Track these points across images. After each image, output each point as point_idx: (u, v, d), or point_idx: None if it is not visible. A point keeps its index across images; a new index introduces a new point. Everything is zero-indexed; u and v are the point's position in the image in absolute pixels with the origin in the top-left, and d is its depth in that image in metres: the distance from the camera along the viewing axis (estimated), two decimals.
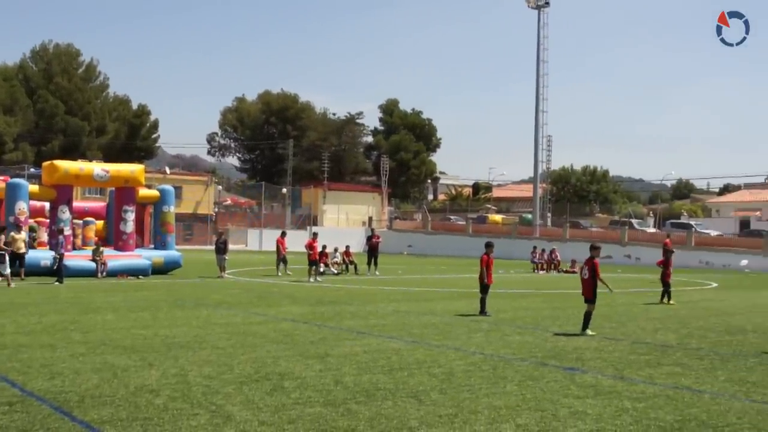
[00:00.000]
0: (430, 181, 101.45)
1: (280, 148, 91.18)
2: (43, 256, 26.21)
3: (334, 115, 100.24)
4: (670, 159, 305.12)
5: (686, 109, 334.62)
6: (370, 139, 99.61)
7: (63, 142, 77.45)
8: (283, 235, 32.18)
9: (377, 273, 32.36)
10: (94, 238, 30.62)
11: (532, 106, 65.70)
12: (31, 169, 61.98)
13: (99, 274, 26.24)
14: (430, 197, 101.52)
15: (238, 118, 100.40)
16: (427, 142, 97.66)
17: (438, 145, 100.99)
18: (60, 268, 24.13)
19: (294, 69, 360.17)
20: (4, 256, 22.30)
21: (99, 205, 35.48)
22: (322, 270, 29.55)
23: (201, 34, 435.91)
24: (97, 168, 30.03)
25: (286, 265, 30.92)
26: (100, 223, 31.83)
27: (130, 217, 29.16)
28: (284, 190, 79.54)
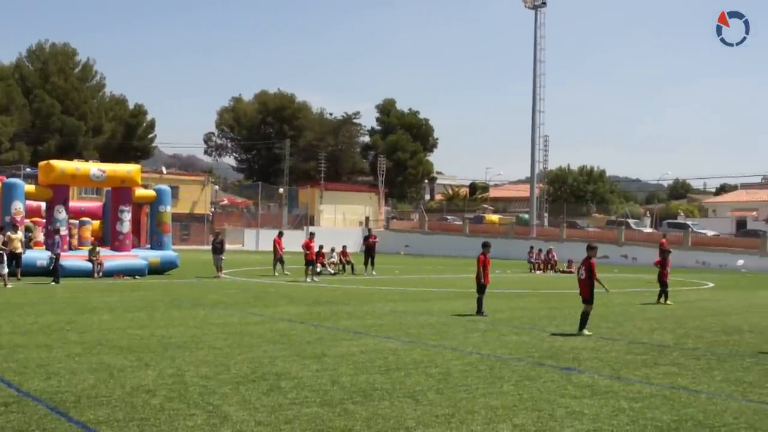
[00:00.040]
0: (427, 181, 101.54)
1: (277, 148, 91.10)
2: (40, 256, 26.16)
3: (331, 115, 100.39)
4: (667, 159, 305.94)
5: (683, 109, 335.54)
6: (367, 139, 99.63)
7: (59, 142, 77.32)
8: (281, 235, 32.20)
9: (374, 273, 32.35)
10: (91, 238, 30.58)
11: (529, 106, 65.57)
12: (28, 169, 61.84)
13: (95, 274, 26.21)
14: (427, 197, 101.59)
15: (235, 118, 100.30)
16: (424, 142, 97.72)
17: (435, 145, 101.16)
18: (56, 268, 24.10)
19: (291, 69, 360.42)
20: (2, 256, 22.25)
21: (95, 205, 35.40)
22: (318, 270, 29.54)
23: (198, 33, 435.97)
24: (93, 168, 29.98)
25: (284, 265, 30.91)
26: (97, 223, 31.77)
27: (127, 217, 29.14)
28: (281, 190, 79.47)
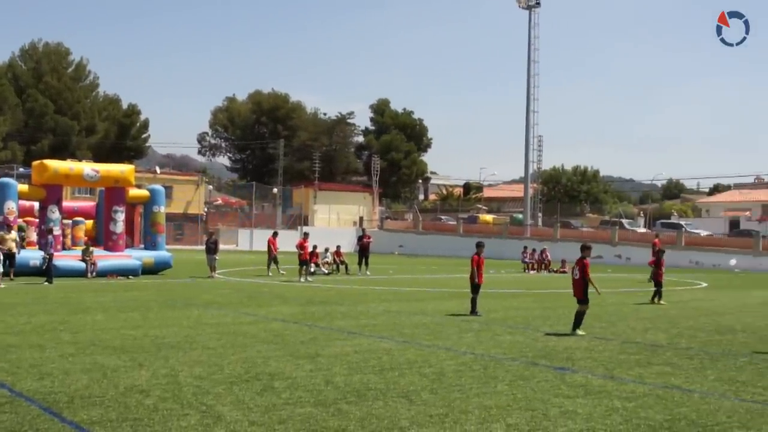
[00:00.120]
0: (421, 181, 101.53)
1: (271, 148, 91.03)
2: (33, 256, 26.08)
3: (325, 115, 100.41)
4: (661, 159, 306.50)
5: (676, 109, 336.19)
6: (361, 139, 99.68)
7: (52, 142, 77.13)
8: (275, 235, 32.15)
9: (368, 273, 32.34)
10: (84, 238, 30.52)
11: (523, 106, 66.01)
12: (21, 169, 61.70)
13: (89, 275, 26.15)
14: (421, 197, 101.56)
15: (229, 118, 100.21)
16: (418, 142, 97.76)
17: (429, 145, 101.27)
18: (49, 268, 24.03)
19: (285, 69, 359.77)
20: None
21: (89, 204, 35.34)
22: (312, 270, 29.52)
23: (192, 33, 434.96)
24: (87, 168, 29.93)
25: (278, 265, 30.87)
26: (90, 223, 31.72)
27: (120, 217, 29.08)
28: (275, 190, 79.42)
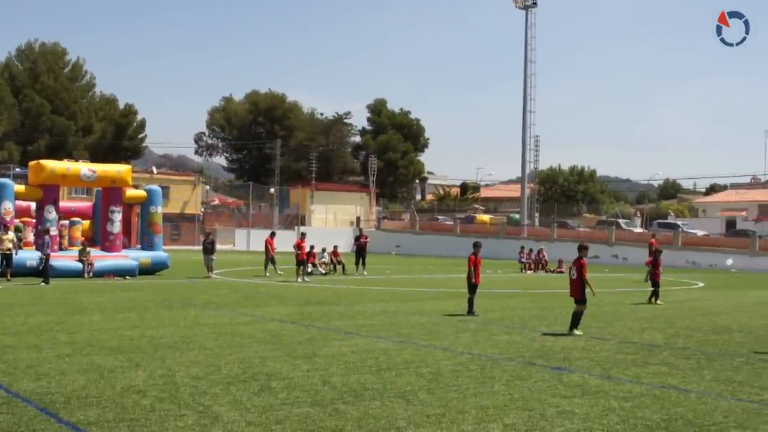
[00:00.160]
0: (418, 181, 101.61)
1: (268, 148, 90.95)
2: (29, 257, 26.03)
3: (322, 115, 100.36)
4: (657, 159, 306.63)
5: (673, 109, 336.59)
6: (358, 139, 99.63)
7: (49, 142, 76.96)
8: (273, 235, 32.13)
9: (365, 273, 32.34)
10: (81, 238, 30.46)
11: (520, 106, 65.98)
12: (17, 169, 61.56)
13: (85, 275, 26.12)
14: (418, 197, 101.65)
15: (226, 118, 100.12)
16: (415, 142, 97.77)
17: (426, 145, 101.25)
18: (46, 268, 23.98)
19: (282, 69, 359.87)
20: None
21: (85, 205, 35.26)
22: (309, 270, 29.51)
23: (188, 33, 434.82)
24: (83, 168, 29.87)
25: (275, 266, 30.85)
26: (87, 223, 31.65)
27: (117, 217, 29.04)
28: (272, 190, 79.35)
